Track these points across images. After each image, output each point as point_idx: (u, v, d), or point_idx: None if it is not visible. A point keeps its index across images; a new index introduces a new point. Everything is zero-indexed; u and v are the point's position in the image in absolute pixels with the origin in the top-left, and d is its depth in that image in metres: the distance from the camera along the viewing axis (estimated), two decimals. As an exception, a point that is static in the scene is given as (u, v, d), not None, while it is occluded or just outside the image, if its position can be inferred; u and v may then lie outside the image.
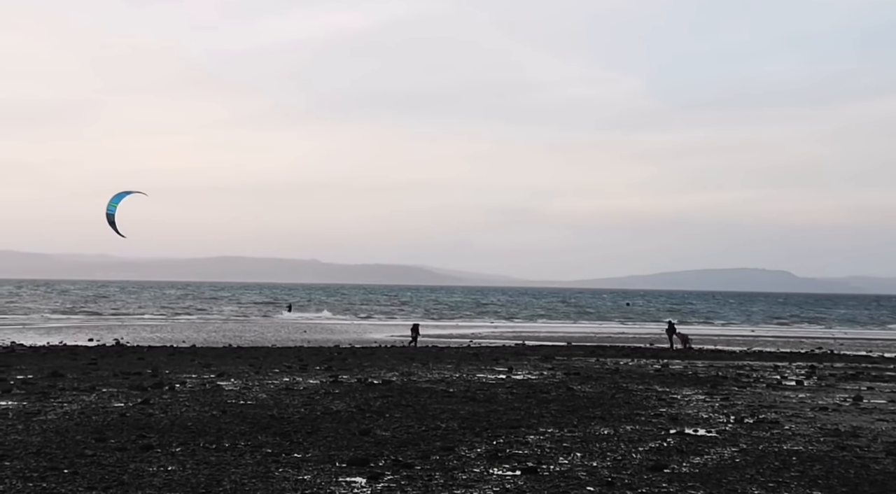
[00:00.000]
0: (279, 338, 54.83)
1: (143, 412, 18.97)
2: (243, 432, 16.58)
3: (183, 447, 14.97)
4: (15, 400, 20.61)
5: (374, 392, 23.64)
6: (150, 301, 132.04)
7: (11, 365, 30.22)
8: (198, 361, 33.23)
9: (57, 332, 56.92)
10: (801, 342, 61.97)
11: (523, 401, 22.23)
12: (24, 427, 16.66)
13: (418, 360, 35.37)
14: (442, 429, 17.44)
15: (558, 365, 34.21)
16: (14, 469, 12.93)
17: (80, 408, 19.41)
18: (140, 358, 34.41)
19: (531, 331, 72.39)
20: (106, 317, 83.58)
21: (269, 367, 30.88)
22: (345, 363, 33.63)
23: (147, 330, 61.51)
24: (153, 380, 25.42)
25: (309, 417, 18.73)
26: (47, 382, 24.78)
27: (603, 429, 17.87)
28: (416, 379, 27.70)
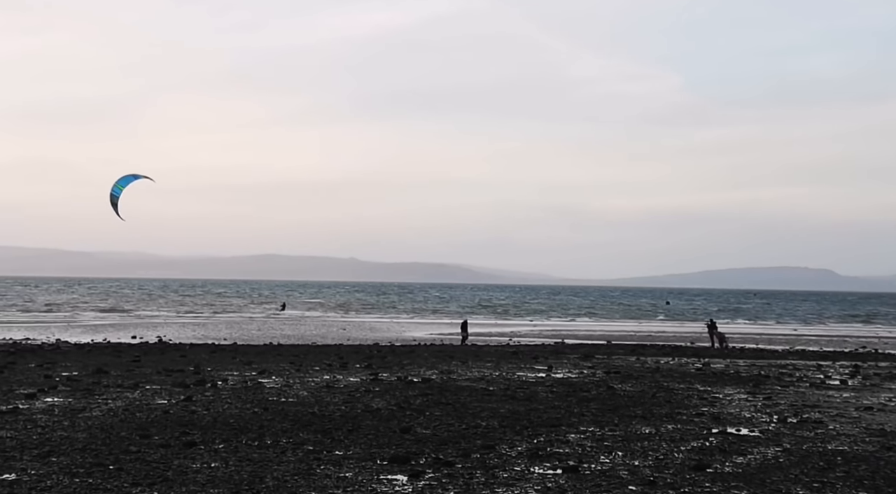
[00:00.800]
0: (319, 336, 55.08)
1: (186, 409, 19.15)
2: (285, 429, 16.68)
3: (226, 444, 15.10)
4: (61, 397, 20.89)
5: (414, 390, 23.69)
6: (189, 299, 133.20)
7: (57, 362, 30.65)
8: (239, 359, 33.49)
9: (100, 330, 57.61)
10: (844, 341, 61.22)
11: (563, 400, 22.17)
12: (70, 423, 16.88)
13: (458, 358, 35.38)
14: (482, 428, 17.43)
15: (598, 364, 34.07)
16: (61, 464, 13.11)
17: (124, 405, 19.64)
18: (182, 356, 34.75)
19: (570, 330, 72.12)
20: (147, 315, 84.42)
21: (309, 365, 31.04)
22: (384, 361, 33.72)
23: (188, 328, 62.06)
24: (195, 378, 25.67)
25: (350, 415, 18.81)
26: (92, 379, 25.10)
27: (644, 428, 17.77)
28: (456, 377, 27.71)
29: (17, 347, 39.49)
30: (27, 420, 17.15)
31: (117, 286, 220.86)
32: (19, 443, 14.63)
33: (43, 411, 18.47)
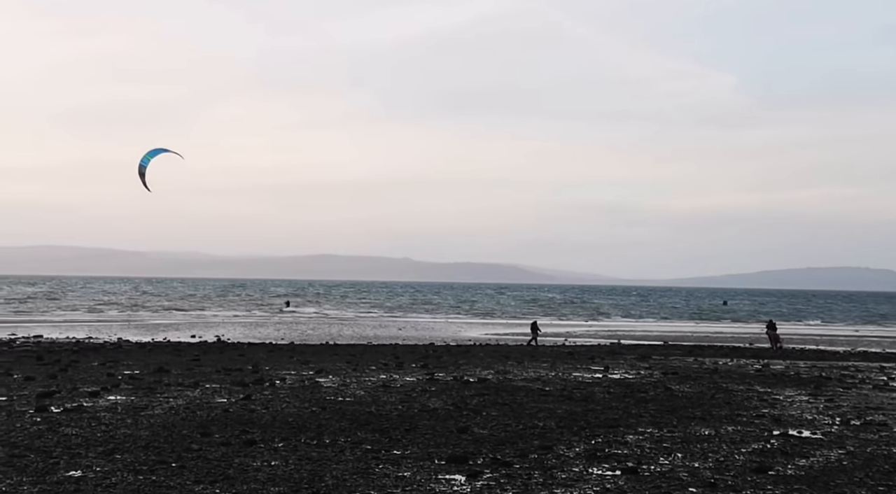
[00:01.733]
0: (375, 336, 55.34)
1: (245, 408, 19.35)
2: (343, 428, 16.79)
3: (285, 442, 15.23)
4: (124, 395, 21.24)
5: (470, 390, 23.70)
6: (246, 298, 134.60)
7: (119, 361, 31.17)
8: (296, 358, 33.76)
9: (160, 329, 58.44)
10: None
11: (621, 401, 22.03)
12: (133, 421, 17.16)
13: (513, 359, 35.32)
14: (539, 428, 17.39)
15: (655, 365, 33.80)
16: (125, 461, 13.32)
17: (185, 403, 19.90)
18: (241, 355, 35.13)
19: (626, 330, 71.62)
20: (205, 315, 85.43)
21: (365, 364, 31.20)
22: (440, 361, 33.78)
23: (246, 327, 62.71)
24: (254, 377, 25.93)
25: (407, 414, 18.87)
26: (153, 377, 25.48)
27: (703, 430, 17.60)
28: (512, 377, 27.67)
29: (80, 346, 40.24)
30: (91, 417, 17.46)
31: (173, 286, 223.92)
32: (84, 441, 14.90)
33: (106, 409, 18.79)
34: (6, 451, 13.83)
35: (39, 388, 22.06)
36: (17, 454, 13.64)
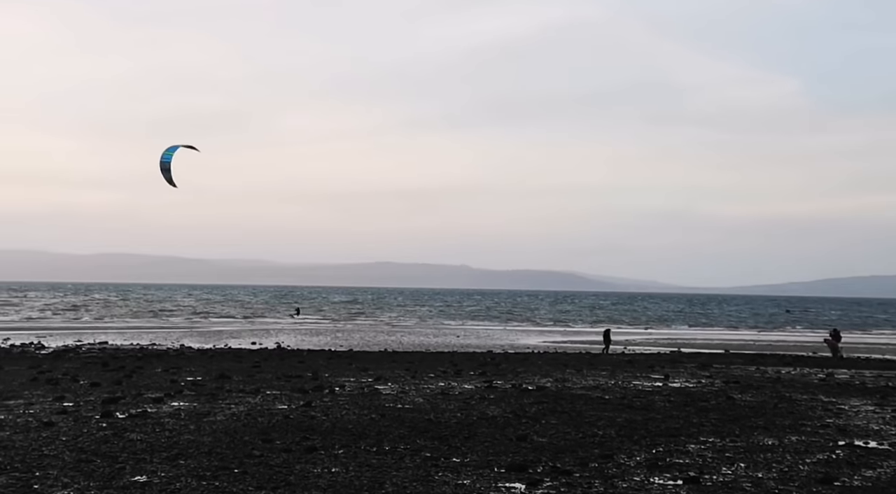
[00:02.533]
0: (433, 343, 55.45)
1: (305, 414, 19.50)
2: (402, 435, 16.84)
3: (345, 449, 15.32)
4: (186, 401, 21.53)
5: (529, 397, 23.63)
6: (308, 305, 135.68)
7: (182, 367, 31.62)
8: (355, 365, 33.95)
9: (221, 335, 59.16)
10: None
11: (681, 409, 21.80)
12: (196, 427, 17.38)
13: (572, 367, 35.15)
14: (599, 436, 17.28)
15: (716, 373, 33.39)
16: (188, 467, 13.51)
17: (246, 410, 20.12)
18: (300, 362, 35.42)
19: (687, 338, 70.89)
20: (265, 321, 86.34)
21: (424, 372, 31.27)
22: (499, 368, 33.73)
23: (305, 334, 63.24)
24: (314, 383, 26.12)
25: (466, 422, 18.87)
26: (215, 384, 25.80)
27: (767, 439, 17.35)
28: (571, 385, 27.54)
29: (144, 352, 40.93)
30: (155, 423, 17.73)
31: (235, 293, 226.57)
32: (149, 446, 15.14)
33: (170, 415, 19.06)
34: (74, 456, 14.10)
35: (105, 394, 22.45)
36: (85, 459, 13.90)
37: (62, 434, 16.15)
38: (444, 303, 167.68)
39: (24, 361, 34.06)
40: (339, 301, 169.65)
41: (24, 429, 16.59)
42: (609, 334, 51.01)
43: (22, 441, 15.33)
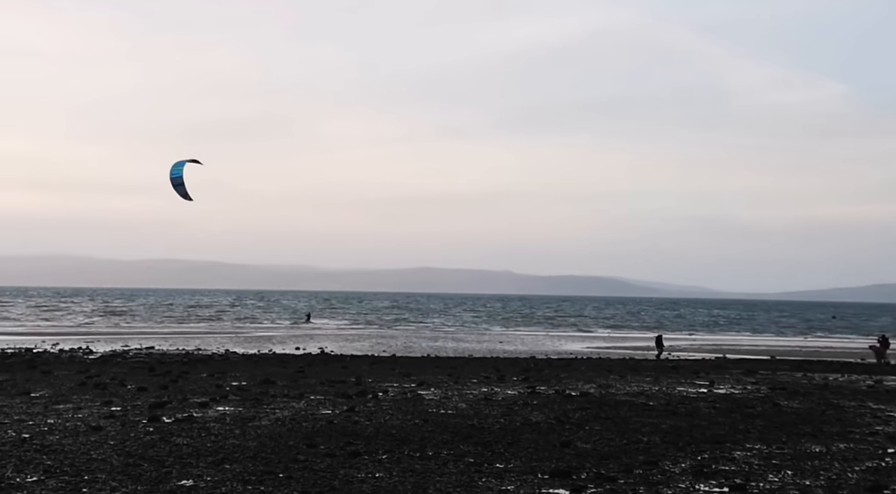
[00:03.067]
0: (476, 349, 55.42)
1: (349, 419, 19.59)
2: (445, 441, 16.85)
3: (388, 454, 15.37)
4: (231, 406, 21.71)
5: (572, 403, 23.55)
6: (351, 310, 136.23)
7: (227, 372, 31.89)
8: (398, 370, 34.02)
9: (266, 340, 59.57)
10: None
11: (727, 416, 21.60)
12: (241, 431, 17.52)
13: (616, 372, 34.96)
14: (644, 443, 17.17)
15: (762, 380, 33.04)
16: (234, 472, 13.62)
17: (290, 415, 20.24)
18: (344, 367, 35.56)
19: (731, 344, 70.25)
20: (308, 327, 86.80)
21: (466, 377, 31.26)
22: (542, 374, 33.63)
23: (349, 340, 63.50)
24: (357, 388, 26.23)
25: (509, 427, 18.85)
26: (259, 389, 25.99)
27: (814, 447, 17.13)
28: (615, 391, 27.39)
29: (189, 357, 41.33)
30: (201, 428, 17.90)
31: (278, 298, 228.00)
32: (195, 450, 15.29)
33: (215, 419, 19.23)
34: (122, 460, 14.28)
35: (152, 399, 22.71)
36: (132, 463, 14.07)
37: (110, 438, 16.37)
38: (487, 309, 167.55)
39: (72, 366, 34.54)
40: (382, 306, 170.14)
41: (73, 433, 16.83)
42: (661, 339, 50.59)
43: (71, 445, 15.55)
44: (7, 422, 18.15)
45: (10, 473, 13.10)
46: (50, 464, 13.79)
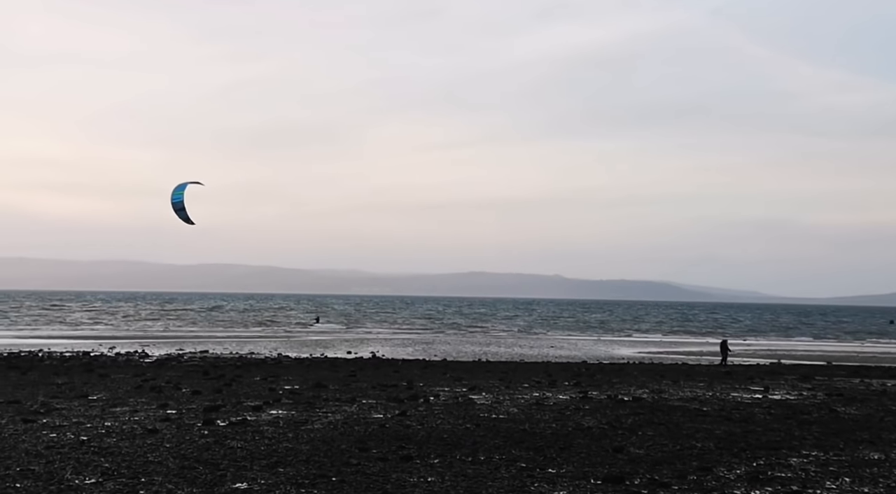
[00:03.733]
0: (527, 353, 55.30)
1: (401, 423, 19.64)
2: (497, 445, 16.83)
3: (440, 459, 15.38)
4: (284, 409, 21.89)
5: (624, 408, 23.40)
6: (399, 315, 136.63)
7: (280, 376, 32.15)
8: (449, 374, 34.06)
9: (318, 344, 59.96)
10: None
11: (782, 422, 21.32)
12: (294, 435, 17.66)
13: (669, 377, 34.68)
14: (697, 449, 17.01)
15: (818, 385, 32.57)
16: (287, 475, 13.72)
17: (343, 418, 20.36)
18: (395, 371, 35.69)
19: (786, 349, 69.32)
20: (358, 330, 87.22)
21: (518, 382, 31.21)
22: (593, 379, 33.47)
23: (400, 344, 63.69)
24: (409, 393, 26.30)
25: (561, 432, 18.78)
26: (312, 392, 26.17)
27: (873, 454, 16.84)
28: (668, 396, 27.17)
29: (243, 361, 41.76)
30: (255, 431, 18.06)
31: (331, 302, 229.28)
32: (249, 453, 15.43)
33: (269, 423, 19.40)
34: (177, 463, 14.46)
35: (206, 402, 22.96)
36: (188, 465, 14.24)
37: (166, 441, 16.58)
38: (538, 313, 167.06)
39: (129, 369, 35.05)
40: (433, 310, 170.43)
41: (130, 436, 17.07)
42: (727, 345, 50.00)
43: (128, 447, 15.78)
44: (66, 425, 18.48)
45: (70, 475, 13.32)
46: (108, 467, 14.00)
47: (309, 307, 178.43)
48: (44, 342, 59.02)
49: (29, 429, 17.70)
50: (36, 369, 34.19)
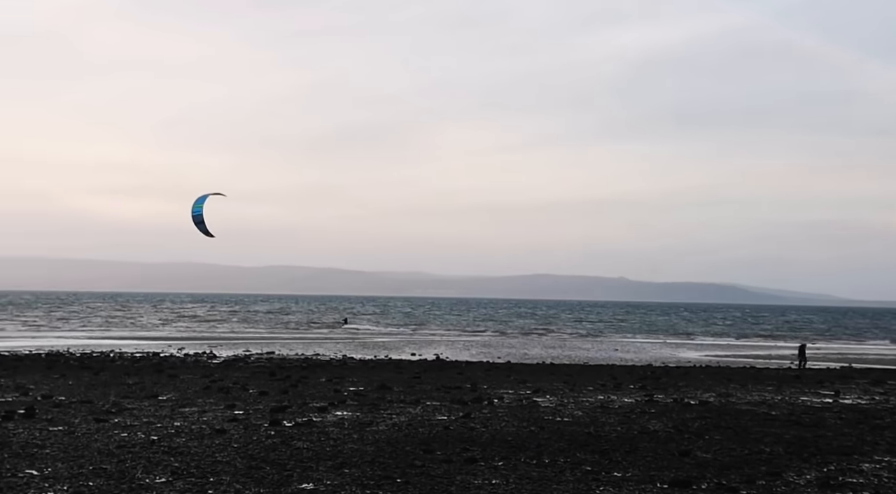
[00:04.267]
0: (591, 356, 54.98)
1: (465, 425, 19.66)
2: (562, 449, 16.76)
3: (504, 461, 15.36)
4: (349, 411, 22.04)
5: (691, 412, 23.15)
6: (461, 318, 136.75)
7: (345, 377, 32.39)
8: (513, 377, 34.00)
9: (381, 346, 60.26)
10: None
11: (854, 427, 20.91)
12: (359, 436, 17.78)
13: (736, 381, 34.22)
14: (766, 453, 16.76)
15: (892, 390, 31.88)
16: (353, 476, 13.82)
17: (407, 420, 20.44)
18: (459, 373, 35.72)
19: (858, 353, 67.97)
20: (420, 332, 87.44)
21: (582, 384, 31.05)
22: (659, 382, 33.16)
23: (463, 346, 63.73)
24: (472, 395, 26.31)
25: (626, 436, 18.64)
26: (377, 394, 26.31)
27: (948, 461, 16.42)
28: (735, 400, 26.81)
29: (308, 362, 42.14)
30: (320, 432, 18.22)
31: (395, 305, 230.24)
32: (315, 454, 15.57)
33: (334, 424, 19.56)
34: (245, 463, 14.65)
35: (273, 403, 23.22)
36: (255, 466, 14.41)
37: (233, 441, 16.81)
38: (602, 316, 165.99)
39: (197, 370, 35.58)
40: (497, 312, 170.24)
41: (199, 436, 17.34)
42: (804, 349, 49.07)
43: (197, 447, 16.03)
44: (137, 425, 18.83)
45: (140, 474, 13.57)
46: (177, 466, 14.24)
47: (373, 308, 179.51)
48: (115, 343, 60.24)
49: (101, 429, 18.08)
50: (107, 369, 34.90)
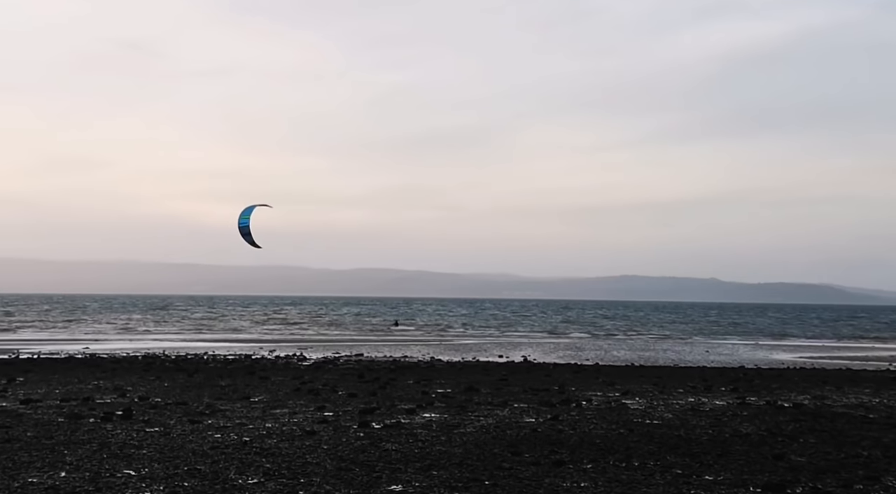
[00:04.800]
0: (681, 358, 54.22)
1: (553, 428, 19.57)
2: (651, 451, 16.57)
3: (593, 464, 15.25)
4: (437, 413, 22.13)
5: (784, 415, 22.66)
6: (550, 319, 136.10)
7: (432, 379, 32.52)
8: (602, 379, 33.74)
9: (469, 349, 60.31)
10: None
11: (957, 431, 20.21)
12: (447, 438, 17.83)
13: (831, 383, 33.40)
14: (864, 457, 16.32)
15: None
16: (440, 478, 13.87)
17: (494, 422, 20.43)
18: (547, 375, 35.57)
19: (961, 354, 65.59)
20: (507, 334, 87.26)
21: (672, 387, 30.65)
22: (751, 384, 32.54)
23: (551, 348, 63.43)
24: (560, 397, 26.19)
25: (717, 439, 18.34)
26: (464, 396, 26.36)
27: None
28: (830, 403, 26.17)
29: (396, 364, 42.41)
30: (409, 434, 18.33)
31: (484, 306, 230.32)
32: (403, 456, 15.67)
33: (422, 426, 19.65)
34: (334, 464, 14.82)
35: (361, 405, 23.44)
36: (344, 467, 14.57)
37: (323, 442, 17.02)
38: (692, 317, 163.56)
39: (288, 372, 36.11)
40: (585, 314, 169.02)
41: (290, 438, 17.60)
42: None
43: (287, 448, 16.28)
44: (229, 426, 19.20)
45: (233, 475, 13.84)
46: (269, 467, 14.47)
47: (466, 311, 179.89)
48: (208, 345, 61.48)
49: (195, 430, 18.49)
50: (201, 371, 35.65)
